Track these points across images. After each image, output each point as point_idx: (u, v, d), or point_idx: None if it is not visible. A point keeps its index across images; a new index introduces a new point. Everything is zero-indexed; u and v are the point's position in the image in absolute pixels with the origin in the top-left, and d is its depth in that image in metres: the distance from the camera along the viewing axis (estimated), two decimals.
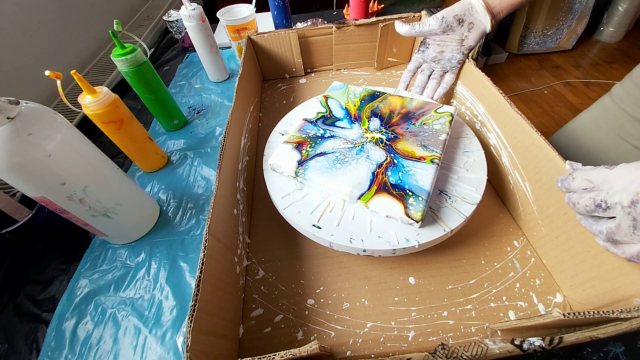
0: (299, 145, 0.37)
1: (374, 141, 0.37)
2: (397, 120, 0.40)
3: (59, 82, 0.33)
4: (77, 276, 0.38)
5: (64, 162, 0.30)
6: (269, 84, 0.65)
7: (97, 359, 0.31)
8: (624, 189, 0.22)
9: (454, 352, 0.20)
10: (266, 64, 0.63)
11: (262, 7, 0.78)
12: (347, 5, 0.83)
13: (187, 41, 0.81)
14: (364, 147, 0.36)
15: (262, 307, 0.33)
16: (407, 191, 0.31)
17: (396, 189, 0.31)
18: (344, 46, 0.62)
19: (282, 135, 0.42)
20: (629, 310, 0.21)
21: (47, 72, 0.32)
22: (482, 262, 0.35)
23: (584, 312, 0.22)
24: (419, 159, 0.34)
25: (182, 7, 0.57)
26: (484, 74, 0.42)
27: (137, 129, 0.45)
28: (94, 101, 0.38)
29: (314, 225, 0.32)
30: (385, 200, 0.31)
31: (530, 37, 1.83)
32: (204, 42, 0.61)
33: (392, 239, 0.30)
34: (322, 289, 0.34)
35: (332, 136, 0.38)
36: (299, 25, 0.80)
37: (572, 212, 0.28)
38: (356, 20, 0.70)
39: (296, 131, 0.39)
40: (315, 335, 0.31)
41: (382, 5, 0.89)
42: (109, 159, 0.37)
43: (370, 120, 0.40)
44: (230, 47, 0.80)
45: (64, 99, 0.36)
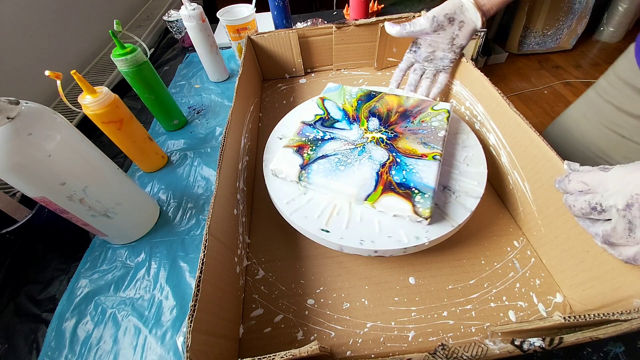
0: (300, 148, 0.36)
1: (375, 141, 0.37)
2: (396, 119, 0.40)
3: (59, 82, 0.33)
4: (77, 276, 0.38)
5: (64, 162, 0.30)
6: (269, 84, 0.65)
7: (97, 359, 0.31)
8: (618, 192, 0.22)
9: (454, 352, 0.20)
10: (266, 64, 0.63)
11: (262, 7, 0.78)
12: (347, 5, 0.83)
13: (187, 41, 0.81)
14: (365, 148, 0.36)
15: (262, 307, 0.33)
16: (413, 189, 0.31)
17: (402, 188, 0.31)
18: (344, 46, 0.62)
19: (281, 139, 0.41)
20: (629, 312, 0.21)
21: (47, 72, 0.32)
22: (482, 262, 0.35)
23: (584, 315, 0.22)
24: (421, 157, 0.34)
25: (182, 7, 0.57)
26: (483, 74, 0.42)
27: (137, 129, 0.45)
28: (94, 101, 0.38)
29: (322, 229, 0.31)
30: (392, 199, 0.31)
31: (530, 37, 1.83)
32: (204, 42, 0.61)
33: (402, 238, 0.30)
34: (322, 289, 0.34)
35: (332, 138, 0.37)
36: (299, 25, 0.80)
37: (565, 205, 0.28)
38: (356, 20, 0.70)
39: (295, 135, 0.38)
40: (315, 335, 0.31)
41: (382, 5, 0.89)
42: (109, 159, 0.37)
43: (368, 120, 0.40)
44: (230, 47, 0.80)
45: (64, 99, 0.36)
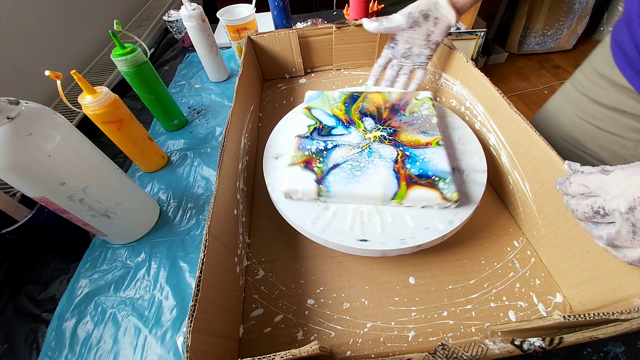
0: (307, 163, 0.34)
1: (378, 140, 0.37)
2: (388, 114, 0.40)
3: (59, 82, 0.33)
4: (77, 276, 0.38)
5: (64, 162, 0.30)
6: (269, 84, 0.65)
7: (97, 359, 0.31)
8: (620, 195, 0.22)
9: (454, 352, 0.20)
10: (266, 64, 0.63)
11: (262, 7, 0.78)
12: (347, 5, 0.83)
13: (187, 41, 0.81)
14: (372, 148, 0.36)
15: (262, 307, 0.33)
16: (433, 177, 0.32)
17: (423, 179, 0.32)
18: (344, 46, 0.62)
19: (276, 159, 0.38)
20: (629, 311, 0.21)
21: (47, 72, 0.32)
22: (482, 262, 0.35)
23: (584, 314, 0.22)
24: (426, 145, 0.36)
25: (182, 7, 0.57)
26: (483, 74, 0.42)
27: (137, 129, 0.45)
28: (94, 101, 0.38)
29: (360, 240, 0.30)
30: (419, 192, 0.31)
31: (530, 37, 1.83)
32: (204, 42, 0.61)
33: (438, 227, 0.31)
34: (322, 289, 0.34)
35: (335, 146, 0.36)
36: (299, 25, 0.80)
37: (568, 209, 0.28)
38: (356, 20, 0.70)
39: (296, 150, 0.36)
40: (315, 335, 0.31)
41: (382, 5, 0.89)
42: (109, 159, 0.37)
43: (363, 121, 0.40)
44: (230, 47, 0.80)
45: (64, 99, 0.36)
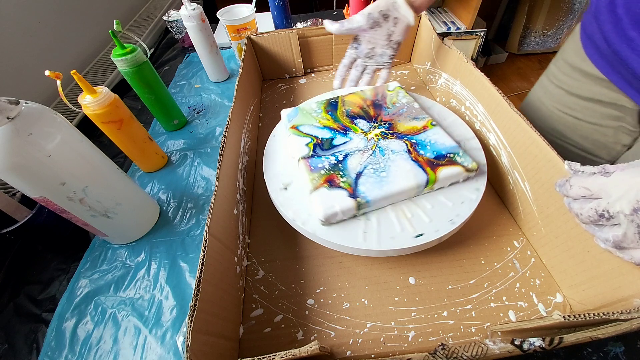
0: (331, 182, 0.33)
1: (380, 137, 0.37)
2: (374, 112, 0.41)
3: (59, 82, 0.33)
4: (77, 276, 0.38)
5: (64, 162, 0.30)
6: (269, 84, 0.65)
7: (97, 359, 0.31)
8: (623, 197, 0.22)
9: (454, 352, 0.20)
10: (266, 64, 0.63)
11: (262, 7, 0.78)
12: (347, 5, 0.82)
13: (187, 41, 0.81)
14: (380, 146, 0.36)
15: (262, 307, 0.33)
16: (449, 155, 0.34)
17: (441, 159, 0.34)
18: (344, 46, 0.62)
19: (286, 189, 0.35)
20: (629, 311, 0.21)
21: (47, 72, 0.32)
22: (482, 262, 0.35)
23: (584, 314, 0.22)
24: (424, 129, 0.38)
25: (182, 7, 0.57)
26: (483, 74, 0.42)
27: (137, 129, 0.45)
28: (94, 101, 0.38)
29: (416, 236, 0.30)
30: (445, 172, 0.33)
31: (530, 37, 1.83)
32: (204, 42, 0.61)
33: (469, 196, 0.33)
34: (322, 289, 0.34)
35: (346, 155, 0.36)
36: (299, 25, 0.80)
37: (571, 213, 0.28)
38: None
39: (309, 173, 0.34)
40: (315, 335, 0.31)
41: None
42: (109, 159, 0.37)
43: (355, 123, 0.40)
44: (230, 47, 0.80)
45: (64, 99, 0.36)
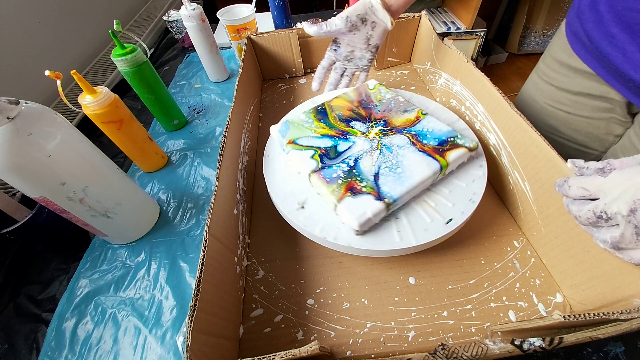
0: (352, 190, 0.32)
1: (382, 135, 0.38)
2: (365, 112, 0.41)
3: (59, 82, 0.33)
4: (77, 276, 0.38)
5: (64, 162, 0.30)
6: (269, 84, 0.65)
7: (97, 359, 0.31)
8: (620, 198, 0.22)
9: (454, 352, 0.20)
10: (266, 64, 0.63)
11: (262, 7, 0.78)
12: (347, 5, 0.82)
13: (187, 41, 0.81)
14: (385, 144, 0.37)
15: (262, 307, 0.33)
16: (448, 139, 0.36)
17: (445, 144, 0.36)
18: None
19: (303, 207, 0.34)
20: (629, 311, 0.21)
21: (47, 72, 0.32)
22: (482, 262, 0.35)
23: (584, 314, 0.22)
24: (417, 119, 0.39)
25: (182, 7, 0.57)
26: (483, 74, 0.42)
27: (137, 129, 0.45)
28: (94, 101, 0.38)
29: (447, 222, 0.31)
30: (453, 155, 0.34)
31: (530, 37, 1.83)
32: (204, 42, 0.61)
33: (479, 177, 0.35)
34: (322, 289, 0.34)
35: (356, 159, 0.35)
36: (299, 25, 0.80)
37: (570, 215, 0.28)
38: None
39: (327, 186, 0.32)
40: (315, 335, 0.31)
41: None
42: (109, 159, 0.37)
43: (352, 127, 0.39)
44: (230, 47, 0.80)
45: (64, 99, 0.36)
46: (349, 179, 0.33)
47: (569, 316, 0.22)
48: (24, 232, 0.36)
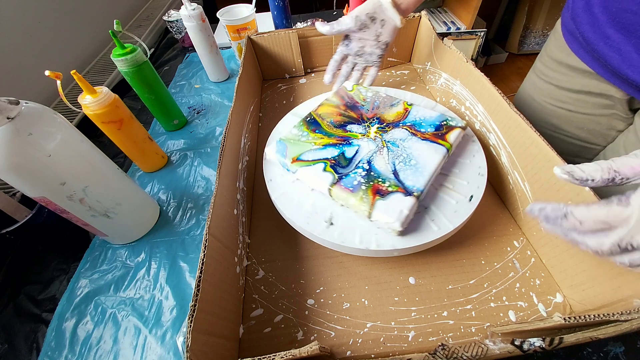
0: (379, 192, 0.31)
1: (381, 132, 0.38)
2: (355, 113, 0.41)
3: (59, 82, 0.33)
4: (77, 276, 0.38)
5: (64, 162, 0.30)
6: (269, 84, 0.65)
7: (97, 359, 0.31)
8: None
9: (454, 352, 0.20)
10: (266, 64, 0.63)
11: (262, 7, 0.78)
12: (347, 5, 0.82)
13: (187, 41, 0.81)
14: (388, 140, 0.37)
15: (262, 307, 0.33)
16: (443, 123, 0.38)
17: (442, 129, 0.38)
18: None
19: (332, 223, 0.32)
20: (629, 312, 0.21)
21: (47, 72, 0.32)
22: (482, 262, 0.35)
23: (584, 316, 0.22)
24: (407, 111, 0.41)
25: (182, 7, 0.57)
26: (483, 74, 0.42)
27: (137, 129, 0.45)
28: (94, 101, 0.38)
29: (470, 200, 0.33)
30: (451, 137, 0.37)
31: (530, 37, 1.83)
32: (204, 42, 0.61)
33: (477, 151, 0.38)
34: (322, 289, 0.34)
35: (369, 162, 0.34)
36: (299, 25, 0.80)
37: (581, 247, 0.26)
38: None
39: (352, 195, 0.31)
40: (315, 335, 0.31)
41: None
42: (109, 159, 0.37)
43: (349, 130, 0.39)
44: (230, 47, 0.80)
45: (64, 99, 0.36)
46: (372, 182, 0.32)
47: (569, 318, 0.22)
48: (24, 232, 0.36)
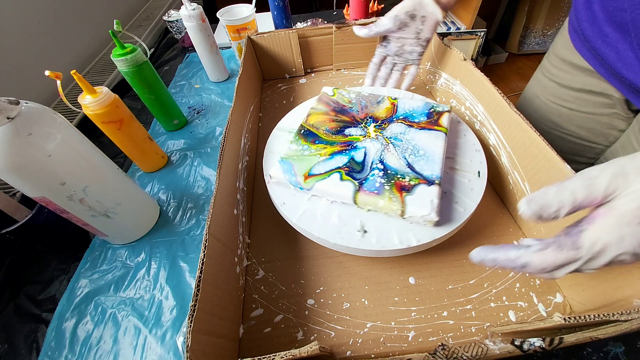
0: (403, 188, 0.32)
1: (380, 129, 0.39)
2: (348, 116, 0.42)
3: (59, 82, 0.33)
4: (77, 276, 0.38)
5: (64, 162, 0.30)
6: (269, 84, 0.65)
7: (97, 359, 0.31)
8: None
9: (454, 352, 0.20)
10: (266, 64, 0.63)
11: (262, 7, 0.78)
12: (347, 5, 0.82)
13: (187, 41, 0.81)
14: (390, 136, 0.38)
15: (262, 307, 0.33)
16: (432, 111, 0.40)
17: (433, 116, 0.40)
18: (344, 46, 0.62)
19: (366, 231, 0.31)
20: (629, 312, 0.21)
21: (47, 72, 0.32)
22: None
23: (584, 316, 0.22)
24: (394, 105, 0.42)
25: (182, 7, 0.57)
26: (483, 74, 0.42)
27: (137, 129, 0.45)
28: (94, 101, 0.38)
29: (479, 176, 0.35)
30: (443, 121, 0.39)
31: (530, 37, 1.83)
32: (204, 42, 0.61)
33: (467, 131, 0.41)
34: (322, 289, 0.34)
35: (381, 161, 0.35)
36: (299, 25, 0.80)
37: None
38: (356, 20, 0.70)
39: (380, 197, 0.31)
40: (315, 335, 0.31)
41: (382, 5, 0.89)
42: (109, 159, 0.37)
43: (348, 135, 0.39)
44: (230, 47, 0.80)
45: (64, 99, 0.36)
46: (393, 181, 0.32)
47: (569, 318, 0.22)
48: (24, 232, 0.36)
